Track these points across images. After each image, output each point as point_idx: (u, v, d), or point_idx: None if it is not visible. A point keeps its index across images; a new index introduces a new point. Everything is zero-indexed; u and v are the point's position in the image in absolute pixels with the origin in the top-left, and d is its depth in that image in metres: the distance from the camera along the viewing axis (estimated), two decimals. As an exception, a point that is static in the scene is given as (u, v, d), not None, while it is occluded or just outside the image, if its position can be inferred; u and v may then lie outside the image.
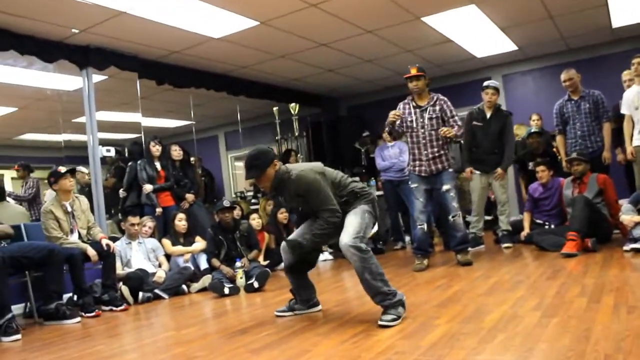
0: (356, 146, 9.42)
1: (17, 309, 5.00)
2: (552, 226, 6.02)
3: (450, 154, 5.36)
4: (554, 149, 6.85)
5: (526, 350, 2.39)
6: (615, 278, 3.79)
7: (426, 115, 5.25)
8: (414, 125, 5.30)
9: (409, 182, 5.51)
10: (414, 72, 5.24)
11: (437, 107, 5.25)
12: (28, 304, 5.02)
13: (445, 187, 5.24)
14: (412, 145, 5.39)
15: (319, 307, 3.87)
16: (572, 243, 4.99)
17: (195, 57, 6.94)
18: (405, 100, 5.45)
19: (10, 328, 4.01)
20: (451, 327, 2.92)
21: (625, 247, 4.90)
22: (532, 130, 6.98)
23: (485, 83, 6.25)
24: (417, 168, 5.35)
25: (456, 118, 5.27)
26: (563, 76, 6.12)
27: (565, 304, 3.14)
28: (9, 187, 8.55)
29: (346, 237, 3.27)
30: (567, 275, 4.11)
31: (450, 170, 5.30)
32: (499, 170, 6.12)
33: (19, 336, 4.01)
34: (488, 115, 6.17)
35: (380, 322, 3.14)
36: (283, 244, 3.63)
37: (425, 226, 5.32)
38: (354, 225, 3.35)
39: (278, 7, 5.60)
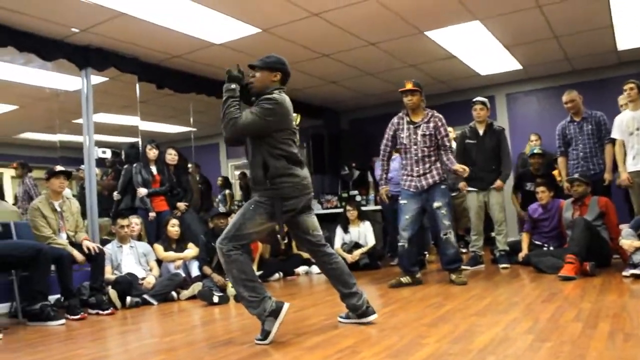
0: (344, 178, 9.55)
1: (2, 308, 4.96)
2: (551, 248, 5.91)
3: (442, 169, 5.21)
4: (555, 171, 6.77)
5: (515, 374, 2.29)
6: (613, 304, 3.68)
7: (419, 132, 5.15)
8: (407, 142, 5.22)
9: (399, 198, 5.38)
10: (409, 86, 5.15)
11: (432, 125, 5.15)
12: (14, 303, 4.93)
13: (436, 204, 5.13)
14: (404, 161, 5.30)
15: (372, 317, 3.59)
16: (571, 266, 4.89)
17: (196, 62, 6.89)
18: (400, 114, 5.36)
19: (-9, 327, 3.93)
20: (439, 346, 2.82)
21: (625, 273, 4.80)
22: (535, 151, 6.89)
23: (474, 99, 6.20)
24: (407, 183, 5.26)
25: (449, 138, 5.22)
26: (564, 97, 6.06)
27: (560, 328, 3.04)
28: (7, 186, 8.53)
29: (220, 236, 3.34)
30: (564, 298, 4.00)
31: (443, 186, 5.19)
32: (498, 182, 6.05)
33: (0, 335, 3.92)
34: (481, 132, 6.11)
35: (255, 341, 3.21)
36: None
37: (406, 244, 5.19)
38: (230, 224, 3.37)
39: (280, 15, 5.56)
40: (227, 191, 10.15)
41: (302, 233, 3.53)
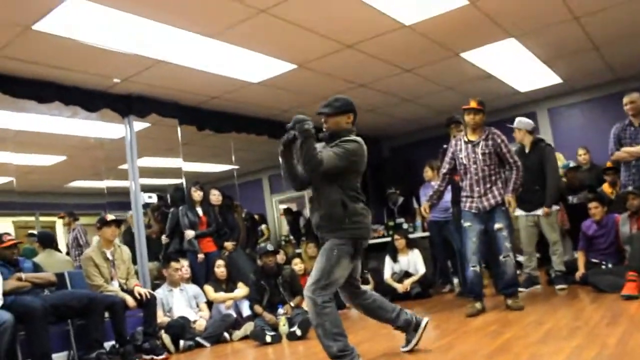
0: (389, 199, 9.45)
1: (60, 357, 5.03)
2: (609, 265, 5.68)
3: (502, 188, 5.03)
4: (605, 184, 6.55)
5: (587, 409, 2.17)
6: (683, 323, 3.50)
7: (479, 151, 5.01)
8: (466, 161, 5.06)
9: (462, 221, 5.19)
10: (473, 104, 5.00)
11: (490, 142, 5.01)
12: (71, 352, 5.00)
13: (497, 226, 4.96)
14: (463, 182, 5.14)
15: (424, 321, 3.69)
16: (633, 284, 4.67)
17: (234, 102, 6.97)
18: (457, 136, 5.28)
19: (51, 378, 3.98)
20: (503, 380, 2.71)
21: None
22: (571, 166, 6.67)
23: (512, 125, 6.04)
24: (467, 204, 5.08)
25: (512, 153, 5.05)
26: (625, 99, 5.68)
27: (630, 354, 2.88)
28: (60, 234, 8.76)
29: (307, 286, 3.28)
30: (629, 320, 3.82)
31: (504, 207, 5.00)
32: (545, 209, 5.80)
33: (59, 386, 3.97)
34: (527, 150, 5.94)
35: None
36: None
37: (478, 268, 5.01)
38: (315, 270, 3.29)
39: (315, 50, 5.59)
40: (263, 225, 10.22)
41: (349, 276, 3.50)
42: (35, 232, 8.37)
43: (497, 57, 6.57)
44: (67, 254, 7.63)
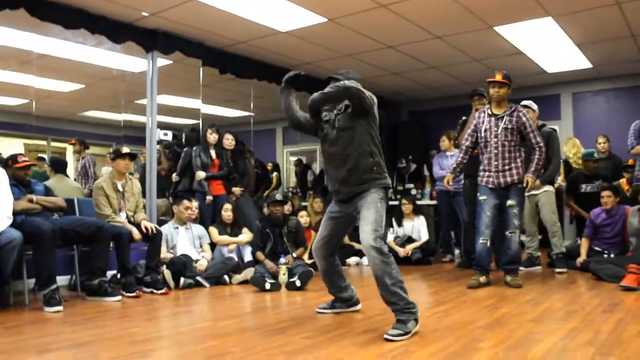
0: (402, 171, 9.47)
1: (62, 280, 5.12)
2: (612, 255, 5.70)
3: (521, 167, 4.99)
4: (622, 180, 6.51)
5: (576, 389, 2.21)
6: (679, 320, 3.53)
7: (501, 125, 4.96)
8: (487, 134, 5.03)
9: (478, 194, 5.17)
10: (498, 77, 4.95)
11: (514, 118, 4.95)
12: (73, 276, 5.12)
13: (509, 202, 4.96)
14: (483, 154, 5.13)
15: (359, 306, 3.94)
16: (633, 276, 4.69)
17: (260, 48, 6.92)
18: (481, 109, 5.25)
19: (54, 299, 4.09)
20: (496, 352, 2.76)
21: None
22: (595, 156, 6.61)
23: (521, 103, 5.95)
24: (484, 179, 5.07)
25: (536, 134, 4.98)
26: None
27: (623, 343, 2.92)
28: (69, 161, 8.81)
29: (367, 236, 3.24)
30: (626, 310, 3.85)
31: (520, 185, 4.98)
32: (537, 182, 5.51)
33: (60, 308, 4.07)
34: None
35: (386, 336, 3.05)
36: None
37: (488, 242, 5.02)
38: (371, 221, 3.28)
39: (348, 6, 5.52)
40: (275, 173, 10.22)
41: (340, 234, 3.79)
42: (45, 156, 8.45)
43: (530, 34, 6.47)
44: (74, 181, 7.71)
